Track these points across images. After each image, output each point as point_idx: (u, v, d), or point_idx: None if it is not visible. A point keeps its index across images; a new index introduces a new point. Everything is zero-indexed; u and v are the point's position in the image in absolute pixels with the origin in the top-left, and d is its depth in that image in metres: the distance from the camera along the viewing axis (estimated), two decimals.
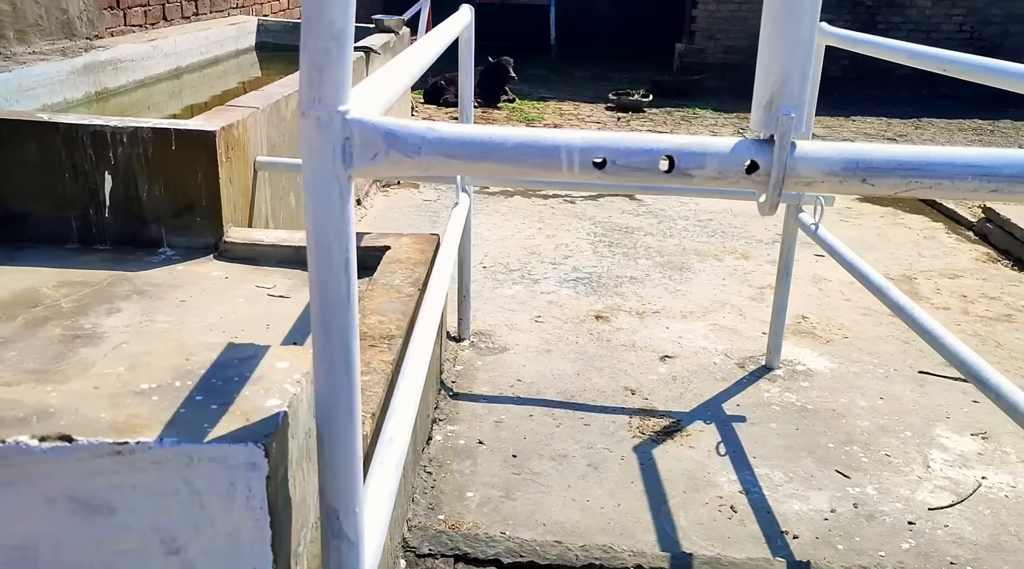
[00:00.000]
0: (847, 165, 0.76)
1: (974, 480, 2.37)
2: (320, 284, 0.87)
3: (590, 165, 0.80)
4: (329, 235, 0.85)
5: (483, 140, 0.82)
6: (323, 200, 0.84)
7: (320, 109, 0.81)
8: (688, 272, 3.89)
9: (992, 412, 2.74)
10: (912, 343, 3.23)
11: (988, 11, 10.29)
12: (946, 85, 10.24)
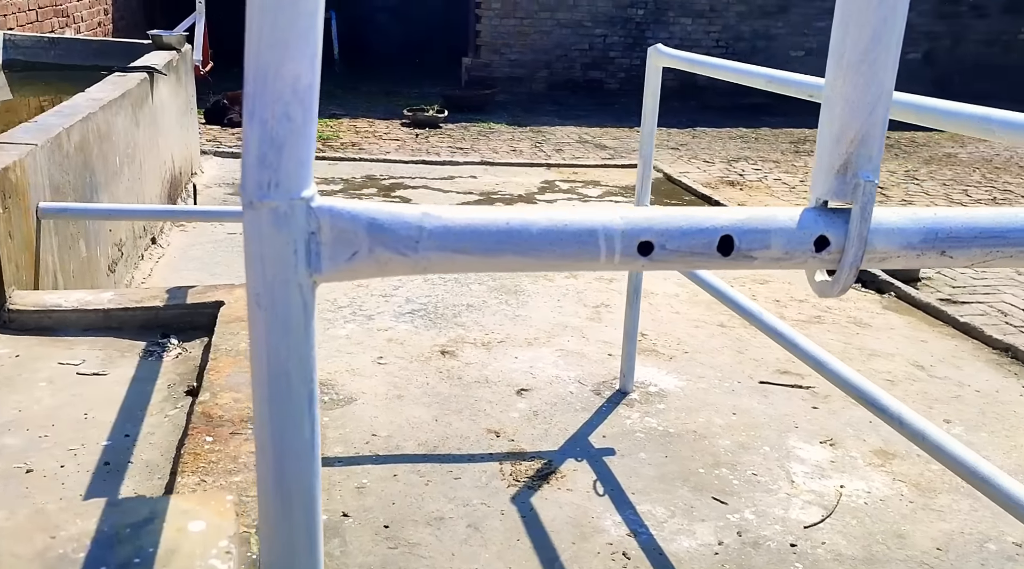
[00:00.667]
0: (926, 236, 0.66)
1: (835, 490, 2.44)
2: (275, 427, 0.63)
3: (634, 252, 0.63)
4: (289, 363, 0.62)
5: (500, 227, 0.62)
6: (280, 316, 0.61)
7: (278, 197, 0.58)
8: (523, 295, 3.81)
9: (831, 416, 2.87)
10: (745, 352, 3.33)
11: (739, 28, 11.23)
12: (710, 97, 11.09)
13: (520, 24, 10.89)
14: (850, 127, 0.63)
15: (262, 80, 0.57)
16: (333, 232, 0.61)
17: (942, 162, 7.75)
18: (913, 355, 3.41)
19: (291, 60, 0.56)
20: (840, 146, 0.64)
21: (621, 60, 11.15)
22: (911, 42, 11.39)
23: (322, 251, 0.61)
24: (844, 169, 0.64)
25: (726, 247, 0.64)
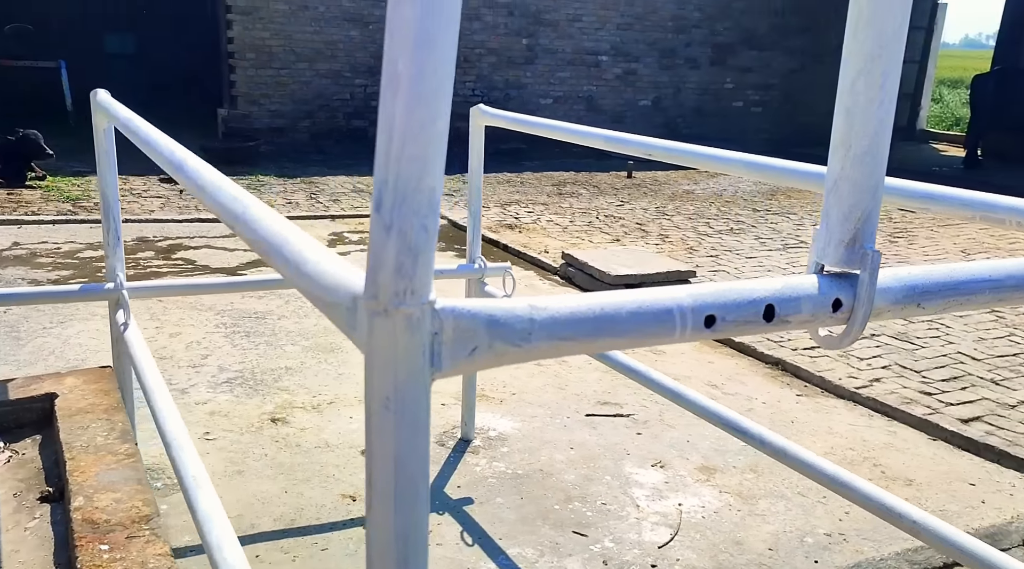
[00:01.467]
0: (908, 293, 0.80)
1: (675, 509, 2.66)
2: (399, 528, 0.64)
3: (701, 325, 0.72)
4: (413, 463, 0.63)
5: (597, 313, 0.68)
6: (408, 417, 0.62)
7: (413, 304, 0.60)
8: (341, 352, 3.75)
9: (655, 440, 3.12)
10: (567, 388, 3.53)
11: (492, 78, 11.83)
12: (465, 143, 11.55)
13: (278, 75, 10.69)
14: (858, 207, 0.76)
15: (402, 194, 0.58)
16: (456, 332, 0.63)
17: (684, 198, 8.66)
18: (706, 376, 3.79)
19: (429, 175, 0.59)
20: (849, 223, 0.77)
21: None
22: (642, 91, 12.64)
23: (443, 350, 0.63)
24: (852, 242, 0.77)
25: (769, 315, 0.74)
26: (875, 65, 0.76)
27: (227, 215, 1.00)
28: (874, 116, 0.74)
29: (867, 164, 0.75)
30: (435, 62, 0.57)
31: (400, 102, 0.57)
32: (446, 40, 0.57)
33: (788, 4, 13.14)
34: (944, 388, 3.84)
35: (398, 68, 0.57)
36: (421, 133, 0.58)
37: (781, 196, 8.91)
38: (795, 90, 13.51)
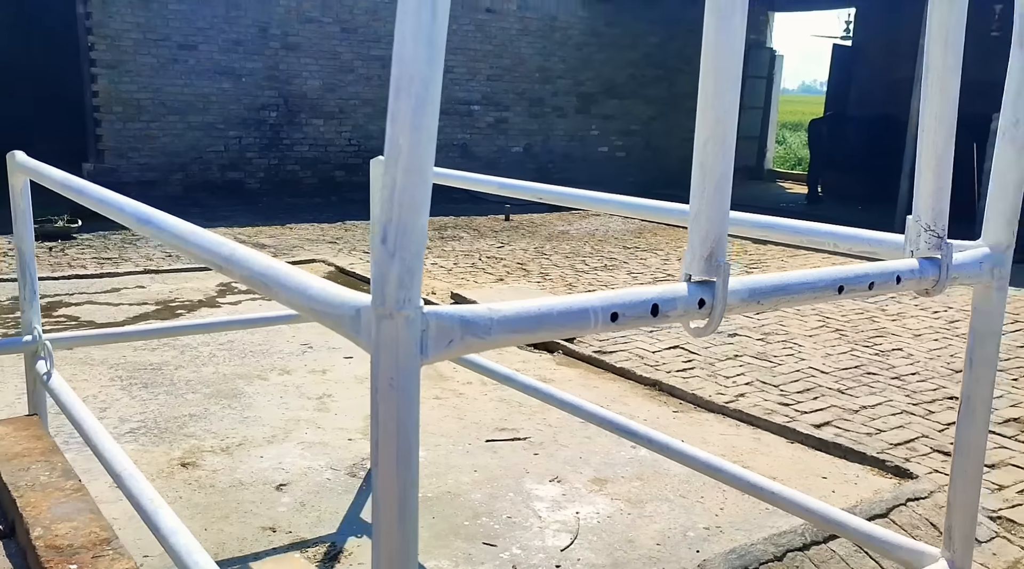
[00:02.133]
0: (751, 294, 1.10)
1: (573, 516, 2.93)
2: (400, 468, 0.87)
3: (608, 320, 0.99)
4: (409, 424, 0.87)
5: (536, 313, 0.94)
6: (407, 392, 0.86)
7: (410, 308, 0.84)
8: (244, 397, 3.84)
9: (551, 458, 3.39)
10: (465, 418, 3.76)
11: (368, 128, 12.06)
12: (349, 191, 11.69)
13: (147, 128, 10.54)
14: (712, 233, 1.05)
15: (401, 231, 0.83)
16: (438, 329, 0.88)
17: (560, 238, 9.12)
18: (593, 398, 4.10)
19: (420, 218, 0.84)
20: (706, 244, 1.06)
21: (259, 160, 11.29)
22: (514, 138, 13.18)
23: (429, 342, 0.88)
24: (710, 258, 1.06)
25: (655, 311, 1.02)
26: (719, 131, 1.07)
27: (216, 258, 1.20)
28: (720, 168, 1.05)
29: (717, 201, 1.05)
30: (423, 141, 0.82)
31: (400, 167, 0.82)
32: (431, 125, 0.82)
33: (643, 57, 14.08)
34: (799, 399, 4.31)
35: (399, 143, 0.82)
36: (414, 188, 0.83)
37: (648, 234, 9.51)
38: (654, 136, 14.42)
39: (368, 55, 11.81)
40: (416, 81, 0.80)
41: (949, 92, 1.25)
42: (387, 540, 0.88)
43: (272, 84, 11.26)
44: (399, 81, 0.81)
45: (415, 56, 0.80)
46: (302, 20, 11.26)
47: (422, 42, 0.79)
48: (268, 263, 1.11)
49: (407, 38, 0.80)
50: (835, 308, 6.23)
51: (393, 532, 0.88)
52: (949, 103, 1.25)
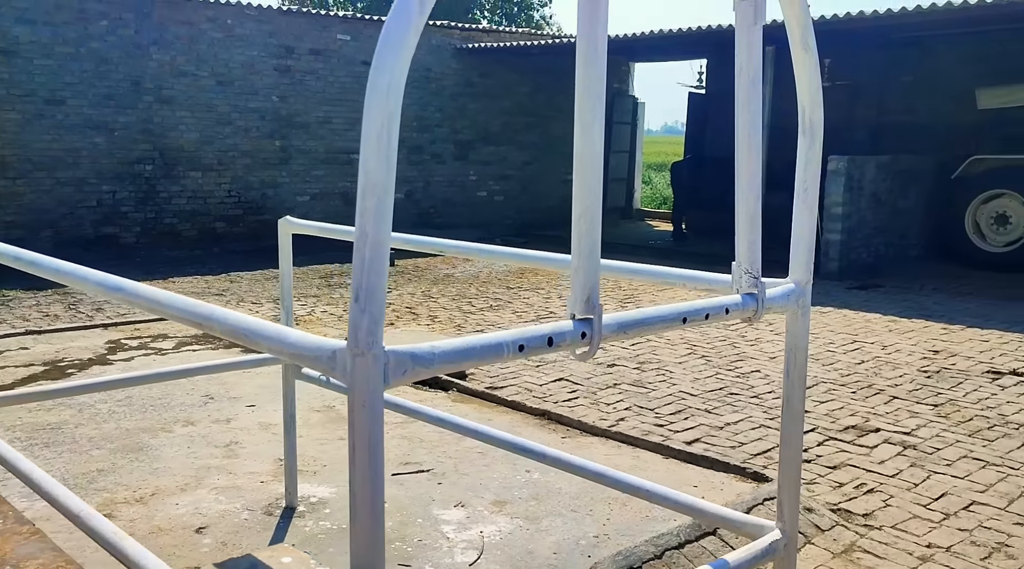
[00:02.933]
0: (619, 327, 1.47)
1: (478, 535, 3.23)
2: (373, 469, 1.18)
3: (517, 350, 1.33)
4: (375, 437, 1.18)
5: (463, 347, 1.27)
6: (374, 411, 1.17)
7: (376, 348, 1.16)
8: (151, 450, 3.95)
9: (453, 487, 3.68)
10: None
11: (248, 179, 12.11)
12: (230, 242, 11.65)
13: (12, 185, 10.24)
14: (588, 282, 1.41)
15: (370, 292, 1.15)
16: (396, 362, 1.19)
17: (446, 282, 9.45)
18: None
19: (382, 282, 1.16)
20: (585, 291, 1.41)
21: (135, 214, 11.12)
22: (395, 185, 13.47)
23: (389, 373, 1.19)
24: (588, 300, 1.41)
25: (550, 343, 1.37)
26: (591, 207, 1.44)
27: (196, 317, 1.47)
28: (592, 235, 1.42)
29: (591, 259, 1.42)
30: (383, 230, 1.14)
31: (368, 247, 1.14)
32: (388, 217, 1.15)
33: (516, 106, 14.75)
34: (672, 419, 4.79)
35: (366, 230, 1.14)
36: (378, 263, 1.15)
37: (529, 274, 9.99)
38: (530, 180, 15.06)
39: (245, 107, 11.89)
40: (379, 186, 1.13)
41: (755, 166, 1.68)
42: (362, 521, 1.18)
43: (147, 137, 11.16)
44: (365, 186, 1.13)
45: (377, 168, 1.12)
46: (176, 74, 11.26)
47: (382, 159, 1.12)
48: (246, 318, 1.40)
49: (370, 155, 1.12)
50: (702, 337, 6.83)
51: (367, 514, 1.18)
52: (756, 176, 1.68)
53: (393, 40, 1.12)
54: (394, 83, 1.12)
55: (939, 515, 3.60)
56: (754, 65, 1.62)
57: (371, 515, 1.18)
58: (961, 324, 7.47)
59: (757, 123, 1.65)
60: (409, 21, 1.12)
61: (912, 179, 11.05)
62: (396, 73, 1.12)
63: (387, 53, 1.12)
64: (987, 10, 8.80)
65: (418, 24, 1.12)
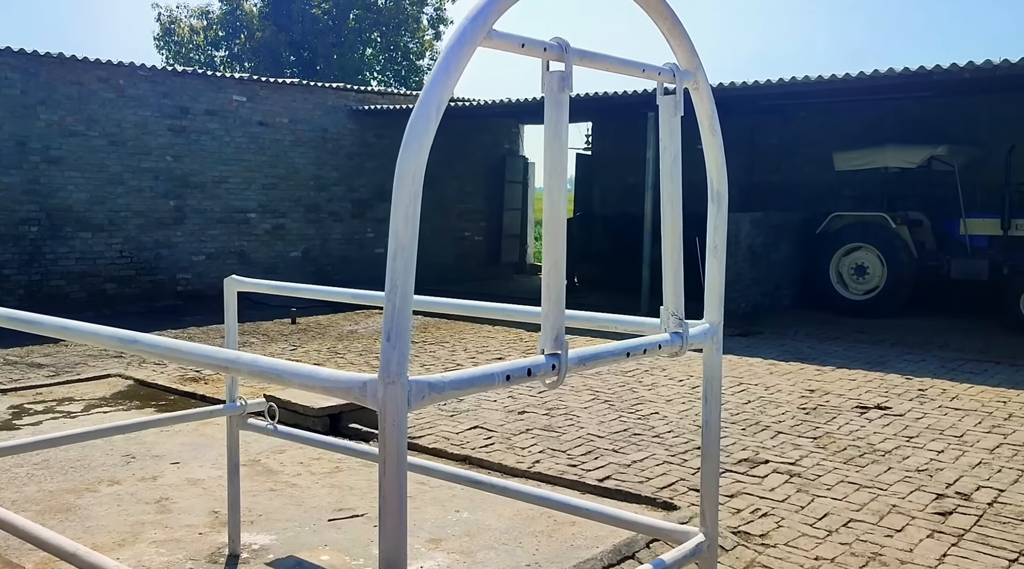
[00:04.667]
0: (579, 360, 1.80)
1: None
2: (400, 474, 1.45)
3: (505, 379, 1.64)
4: (402, 451, 1.45)
5: (467, 377, 1.56)
6: (400, 428, 1.44)
7: (402, 378, 1.44)
8: (79, 509, 3.96)
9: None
10: (304, 504, 4.15)
11: (141, 239, 11.91)
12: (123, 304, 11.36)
13: None
14: (557, 323, 1.73)
15: (399, 333, 1.43)
16: (416, 389, 1.48)
17: (350, 338, 9.58)
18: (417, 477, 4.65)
19: (408, 325, 1.45)
20: (554, 330, 1.73)
21: (18, 277, 10.74)
22: (292, 243, 13.53)
23: (412, 397, 1.48)
24: (557, 339, 1.73)
25: (529, 373, 1.68)
26: (557, 261, 1.77)
27: (222, 362, 1.71)
28: (558, 284, 1.75)
29: (558, 304, 1.75)
30: (409, 284, 1.44)
31: (398, 297, 1.43)
32: (411, 273, 1.44)
33: None
34: (584, 460, 5.13)
35: (396, 283, 1.43)
36: (405, 309, 1.45)
37: (433, 328, 10.24)
38: (426, 237, 15.26)
39: (139, 167, 11.76)
40: (406, 250, 1.42)
41: (678, 228, 2.06)
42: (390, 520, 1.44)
43: (32, 198, 10.87)
44: (396, 250, 1.42)
45: (405, 236, 1.42)
46: (65, 134, 11.07)
47: (410, 229, 1.42)
48: (273, 361, 1.65)
49: (400, 225, 1.42)
50: (603, 383, 7.25)
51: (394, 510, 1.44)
52: (678, 237, 2.06)
53: (417, 136, 1.43)
54: (418, 170, 1.43)
55: (823, 532, 4.06)
56: (675, 145, 2.02)
57: (397, 515, 1.45)
58: (832, 365, 8.22)
59: (678, 193, 2.04)
60: (428, 120, 1.44)
61: (782, 234, 12.03)
62: (419, 162, 1.43)
63: (412, 147, 1.43)
64: (837, 83, 9.86)
65: (435, 123, 1.44)
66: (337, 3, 28.39)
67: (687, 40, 1.97)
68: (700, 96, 2.04)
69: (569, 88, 1.70)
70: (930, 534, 4.05)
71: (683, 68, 1.99)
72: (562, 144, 1.73)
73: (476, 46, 1.50)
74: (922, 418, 6.23)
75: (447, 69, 1.45)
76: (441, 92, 1.45)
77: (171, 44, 29.53)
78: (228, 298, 3.47)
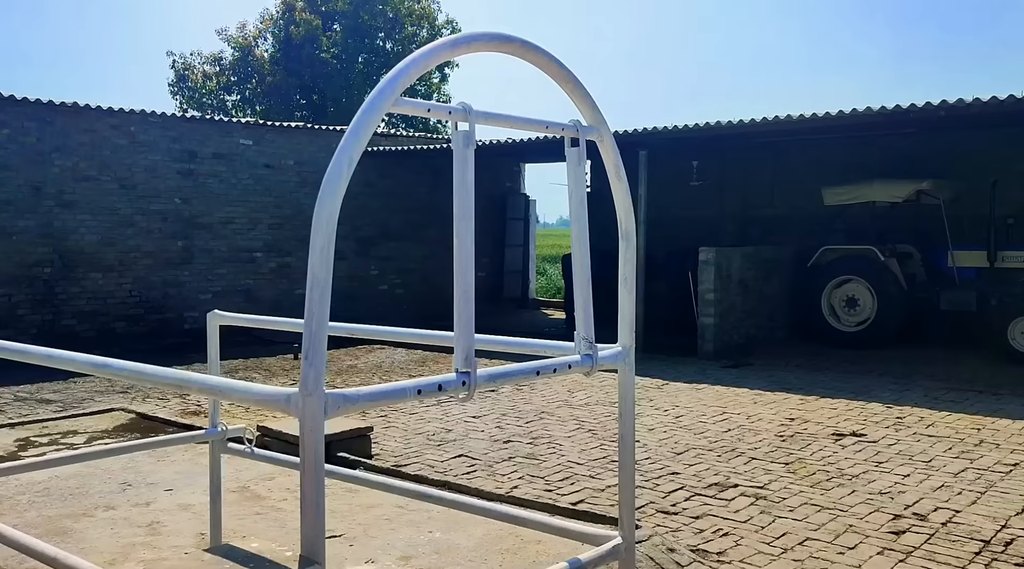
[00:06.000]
0: (491, 377, 2.06)
1: None
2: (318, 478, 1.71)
3: (416, 393, 1.90)
4: (319, 452, 1.72)
5: (379, 391, 1.83)
6: (318, 435, 1.71)
7: (318, 392, 1.71)
8: (75, 533, 4.22)
9: (364, 547, 4.11)
10: (287, 525, 4.39)
11: (150, 279, 12.28)
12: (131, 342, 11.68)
13: None
14: (468, 343, 2.01)
15: (315, 353, 1.71)
16: (332, 401, 1.75)
17: (349, 372, 9.85)
18: (396, 501, 4.89)
19: (323, 347, 1.72)
20: (465, 350, 2.00)
21: (32, 317, 11.12)
22: (297, 281, 13.86)
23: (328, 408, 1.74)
24: (467, 359, 2.00)
25: (440, 388, 1.95)
26: (465, 291, 2.05)
27: (176, 382, 1.99)
28: (467, 312, 2.02)
29: (468, 327, 2.02)
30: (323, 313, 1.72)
31: (314, 325, 1.71)
32: (326, 304, 1.72)
33: (415, 203, 15.51)
34: (560, 485, 5.36)
35: (313, 311, 1.71)
36: (320, 334, 1.72)
37: (431, 362, 10.51)
38: (430, 273, 15.70)
39: (148, 210, 12.19)
40: (321, 282, 1.70)
41: (586, 261, 2.34)
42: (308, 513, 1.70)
43: (46, 241, 11.29)
44: (312, 283, 1.70)
45: (320, 270, 1.70)
46: (78, 178, 11.51)
47: (324, 265, 1.70)
48: (218, 379, 1.93)
49: (316, 262, 1.70)
50: (589, 414, 7.47)
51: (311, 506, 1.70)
52: (586, 269, 2.34)
53: (331, 187, 1.71)
54: (331, 215, 1.71)
55: (779, 550, 4.26)
56: (580, 190, 2.31)
57: (315, 507, 1.71)
58: (816, 395, 8.41)
59: (585, 232, 2.32)
60: (340, 175, 1.72)
61: (775, 267, 12.27)
62: (333, 207, 1.71)
63: (327, 196, 1.72)
64: (823, 121, 10.16)
65: (347, 177, 1.72)
66: (346, 48, 29.15)
67: (589, 99, 2.26)
68: (604, 147, 2.33)
69: (473, 145, 1.99)
70: (880, 551, 4.24)
71: (587, 124, 2.28)
72: (469, 192, 2.01)
73: (385, 111, 1.80)
74: (895, 444, 6.41)
75: (357, 132, 1.75)
76: (352, 150, 1.74)
77: (184, 90, 30.35)
78: (211, 331, 3.76)
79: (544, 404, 7.90)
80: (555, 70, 2.15)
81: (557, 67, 2.15)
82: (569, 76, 2.19)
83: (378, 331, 3.24)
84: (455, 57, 1.94)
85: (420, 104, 1.93)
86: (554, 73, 2.16)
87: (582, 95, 2.24)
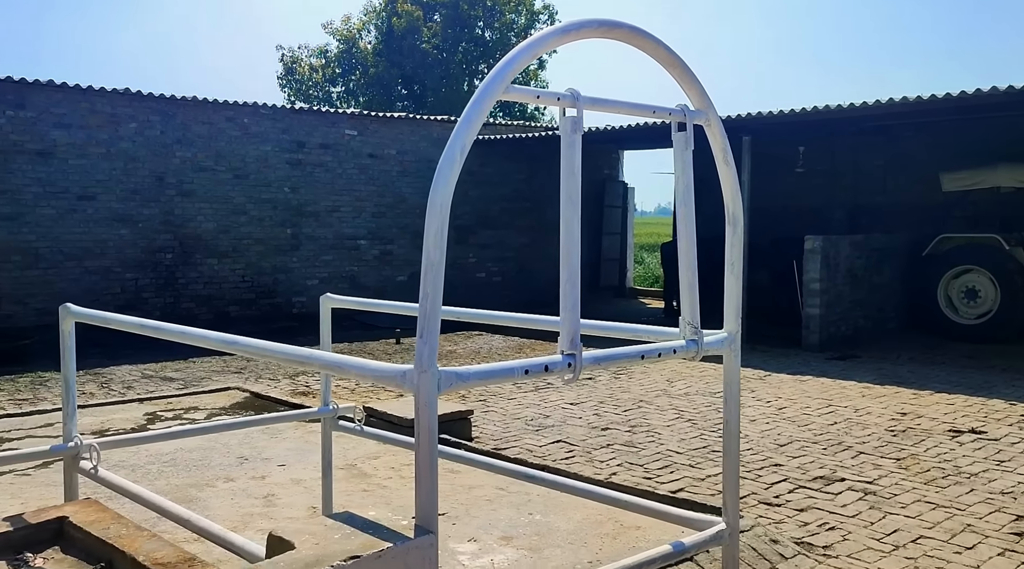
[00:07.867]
0: (595, 359, 2.09)
1: (489, 562, 3.77)
2: (432, 435, 1.78)
3: (523, 373, 1.96)
4: (434, 425, 1.79)
5: (488, 370, 1.89)
6: (432, 409, 1.79)
7: (432, 368, 1.78)
8: (199, 501, 4.49)
9: (466, 525, 4.22)
10: (392, 503, 4.55)
11: (260, 265, 12.81)
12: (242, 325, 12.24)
13: (44, 274, 10.93)
14: (574, 326, 2.03)
15: (429, 332, 1.78)
16: (444, 377, 1.82)
17: (448, 357, 10.05)
18: (495, 482, 4.98)
19: (436, 326, 1.79)
20: (571, 334, 2.03)
21: (155, 300, 11.79)
22: (398, 268, 14.21)
23: (440, 384, 1.81)
24: (572, 342, 2.03)
25: (547, 369, 1.99)
26: (571, 275, 2.08)
27: (297, 358, 2.10)
28: (573, 296, 2.06)
29: (574, 311, 2.05)
30: (438, 294, 1.79)
31: (428, 305, 1.78)
32: (440, 286, 1.79)
33: (513, 191, 15.62)
34: (659, 473, 5.34)
35: (427, 291, 1.78)
36: (434, 314, 1.79)
37: (527, 350, 10.60)
38: (527, 261, 15.81)
39: (259, 198, 12.71)
40: (435, 266, 1.77)
41: (692, 249, 2.34)
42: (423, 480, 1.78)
43: (168, 228, 11.93)
44: (427, 266, 1.77)
45: (434, 255, 1.77)
46: (196, 169, 12.11)
47: (438, 249, 1.77)
48: (337, 355, 2.03)
49: (431, 247, 1.77)
50: (689, 403, 7.40)
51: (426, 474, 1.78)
52: (693, 256, 2.33)
53: (444, 174, 1.78)
54: (445, 201, 1.77)
55: (889, 546, 4.14)
56: (687, 176, 2.30)
57: (429, 477, 1.79)
58: (930, 390, 8.06)
59: (692, 217, 2.32)
60: (453, 162, 1.78)
61: (886, 256, 11.79)
62: (447, 194, 1.77)
63: (441, 183, 1.78)
64: (942, 103, 9.68)
65: (460, 164, 1.78)
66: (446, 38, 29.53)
67: (697, 83, 2.25)
68: (712, 132, 2.32)
69: (580, 131, 2.02)
70: (1001, 552, 4.06)
71: (694, 108, 2.27)
72: (576, 178, 2.05)
73: (496, 98, 1.85)
74: (1018, 443, 6.10)
75: (470, 120, 1.80)
76: (464, 138, 1.80)
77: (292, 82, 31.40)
78: (324, 312, 3.92)
79: (642, 393, 7.86)
80: (663, 55, 2.15)
81: (665, 52, 2.15)
82: (677, 60, 2.19)
83: (484, 315, 3.31)
84: (564, 44, 1.96)
85: (530, 91, 1.97)
86: (661, 58, 2.16)
87: (690, 80, 2.23)
